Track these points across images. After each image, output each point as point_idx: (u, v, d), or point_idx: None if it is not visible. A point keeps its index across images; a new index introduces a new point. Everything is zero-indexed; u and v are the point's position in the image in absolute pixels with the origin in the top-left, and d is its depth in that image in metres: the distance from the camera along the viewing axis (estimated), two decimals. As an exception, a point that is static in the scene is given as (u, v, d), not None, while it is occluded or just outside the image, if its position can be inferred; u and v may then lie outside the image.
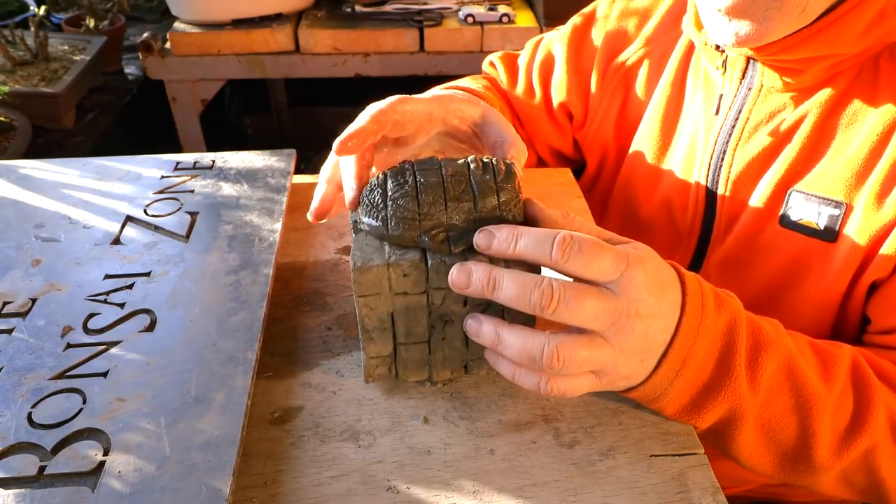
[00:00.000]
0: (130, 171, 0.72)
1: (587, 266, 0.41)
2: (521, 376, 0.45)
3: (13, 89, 1.36)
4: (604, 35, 0.78)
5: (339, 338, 0.56)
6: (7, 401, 0.46)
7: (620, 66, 0.76)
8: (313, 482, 0.45)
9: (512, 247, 0.43)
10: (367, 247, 0.47)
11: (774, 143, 0.61)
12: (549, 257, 0.41)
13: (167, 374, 0.49)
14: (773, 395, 0.48)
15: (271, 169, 0.73)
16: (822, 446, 0.49)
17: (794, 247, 0.60)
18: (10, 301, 0.55)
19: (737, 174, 0.64)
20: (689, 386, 0.46)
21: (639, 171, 0.74)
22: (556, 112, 0.82)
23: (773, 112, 0.61)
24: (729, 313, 0.47)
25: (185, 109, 1.67)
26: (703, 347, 0.45)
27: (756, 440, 0.49)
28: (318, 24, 1.63)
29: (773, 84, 0.60)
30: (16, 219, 0.65)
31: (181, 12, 1.61)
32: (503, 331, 0.44)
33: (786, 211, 0.60)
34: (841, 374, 0.50)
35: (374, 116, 0.50)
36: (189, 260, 0.60)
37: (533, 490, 0.45)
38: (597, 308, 0.42)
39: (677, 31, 0.72)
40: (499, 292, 0.42)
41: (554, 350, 0.42)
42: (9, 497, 0.41)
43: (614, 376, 0.45)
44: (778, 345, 0.48)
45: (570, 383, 0.44)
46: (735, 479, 0.71)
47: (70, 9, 1.85)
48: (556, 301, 0.41)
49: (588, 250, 0.41)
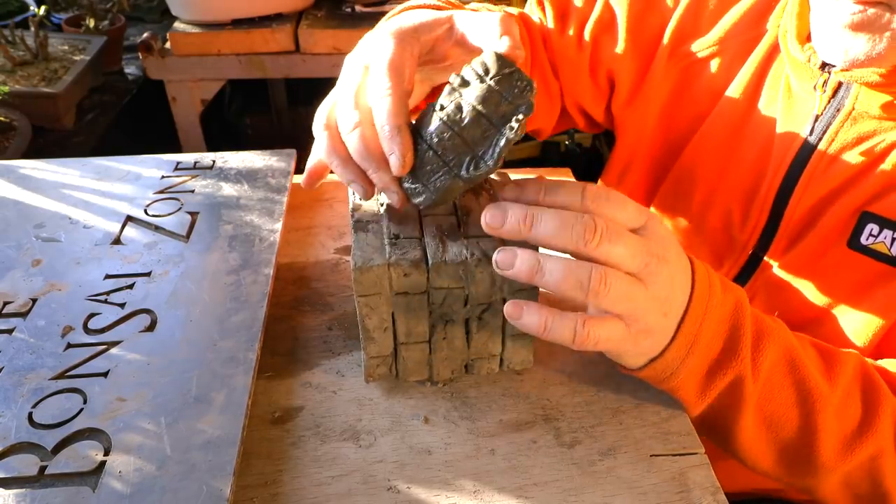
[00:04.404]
0: (130, 171, 0.72)
1: (616, 212, 0.42)
2: (555, 323, 0.43)
3: (13, 89, 1.36)
4: (680, 10, 0.72)
5: (340, 337, 0.56)
6: (7, 401, 0.46)
7: (688, 55, 0.71)
8: (314, 482, 0.45)
9: (541, 194, 0.43)
10: (367, 247, 0.47)
11: (861, 166, 0.59)
12: (579, 202, 0.42)
13: (168, 374, 0.49)
14: (774, 387, 0.48)
15: (271, 169, 0.73)
16: (825, 445, 0.48)
17: (859, 271, 0.58)
18: (10, 301, 0.55)
19: (812, 193, 0.61)
20: (699, 365, 0.47)
21: (697, 173, 0.71)
22: (600, 75, 0.77)
23: (862, 136, 0.59)
24: (734, 297, 0.47)
25: (185, 109, 1.67)
26: (711, 325, 0.46)
27: (757, 432, 0.49)
28: (318, 24, 1.63)
29: (868, 110, 0.58)
30: (16, 219, 0.65)
31: (181, 12, 1.61)
32: (543, 258, 0.42)
33: (856, 234, 0.58)
34: (845, 374, 0.50)
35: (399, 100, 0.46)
36: (189, 260, 0.60)
37: (533, 490, 0.45)
38: (635, 245, 0.42)
39: (757, 32, 0.68)
40: (538, 227, 0.41)
41: (602, 273, 0.41)
42: (9, 497, 0.41)
43: (640, 327, 0.44)
44: (779, 336, 0.48)
45: (604, 329, 0.43)
46: (735, 479, 0.71)
47: (70, 9, 1.85)
48: (600, 234, 0.41)
49: (615, 198, 0.43)
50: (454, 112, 0.44)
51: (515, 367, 0.53)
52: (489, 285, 0.47)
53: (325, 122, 0.50)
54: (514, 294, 0.47)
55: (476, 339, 0.50)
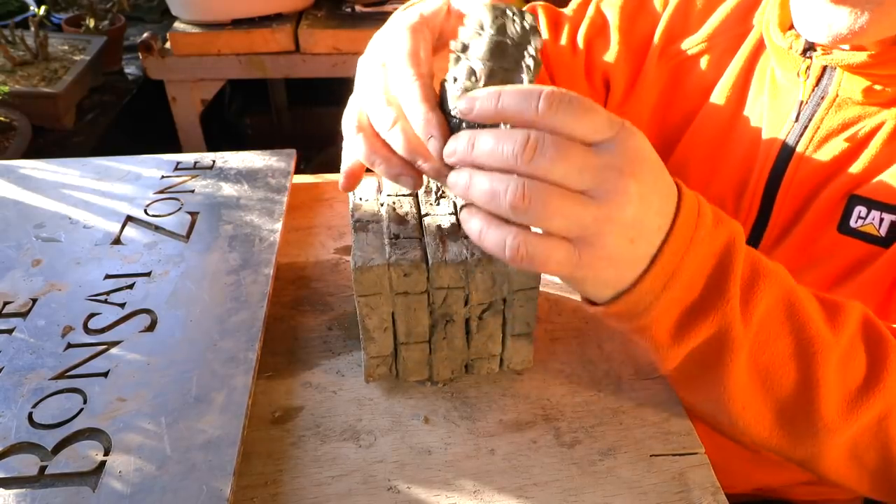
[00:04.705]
0: (130, 171, 0.72)
1: (578, 119, 0.37)
2: (490, 232, 0.39)
3: (13, 89, 1.36)
4: (669, 10, 0.74)
5: (340, 337, 0.56)
6: (8, 401, 0.46)
7: (679, 53, 0.73)
8: (314, 482, 0.45)
9: (494, 103, 0.38)
10: (367, 246, 0.47)
11: (846, 152, 0.60)
12: (534, 111, 0.37)
13: (168, 374, 0.49)
14: (770, 334, 0.44)
15: (271, 169, 0.73)
16: (827, 400, 0.44)
17: (850, 254, 0.59)
18: (10, 301, 0.55)
19: (801, 182, 0.62)
20: (677, 301, 0.42)
21: (689, 168, 0.72)
22: (596, 78, 0.78)
23: (847, 122, 0.60)
24: (728, 233, 0.43)
25: (185, 109, 1.67)
26: (694, 261, 0.41)
27: (751, 388, 0.45)
28: (318, 24, 1.63)
29: (851, 95, 0.59)
30: (16, 219, 0.65)
31: (181, 12, 1.61)
32: (474, 173, 0.39)
33: (845, 217, 0.59)
34: (850, 324, 0.46)
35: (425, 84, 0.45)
36: (189, 260, 0.60)
37: (533, 490, 0.45)
38: (582, 160, 0.37)
39: (744, 28, 0.70)
40: (476, 148, 0.39)
41: (522, 186, 0.37)
42: (9, 497, 0.41)
43: (598, 253, 0.39)
44: (778, 278, 0.44)
45: (542, 248, 0.38)
46: (736, 479, 0.71)
47: (70, 9, 1.85)
48: (532, 149, 0.37)
49: (579, 104, 0.37)
50: (468, 77, 0.43)
51: (515, 367, 0.53)
52: (489, 285, 0.47)
53: (357, 124, 0.49)
54: (514, 293, 0.48)
55: (476, 339, 0.50)
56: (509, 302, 0.48)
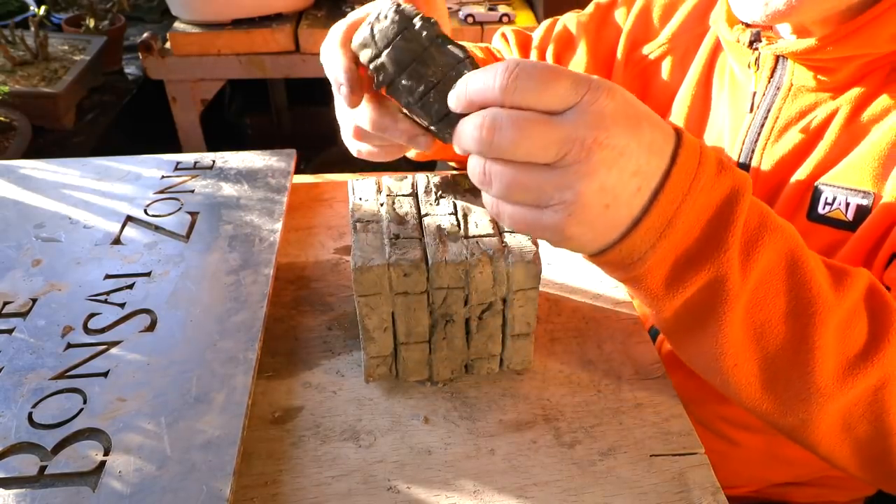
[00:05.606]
0: (130, 171, 0.72)
1: (540, 92, 0.36)
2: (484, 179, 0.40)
3: (13, 89, 1.37)
4: (629, 21, 0.76)
5: (340, 338, 0.56)
6: (7, 401, 0.46)
7: (643, 59, 0.75)
8: (314, 482, 0.45)
9: (464, 91, 0.39)
10: (367, 247, 0.47)
11: (805, 140, 0.61)
12: (494, 88, 0.37)
13: (168, 374, 0.49)
14: (769, 291, 0.42)
15: (271, 169, 0.73)
16: (823, 364, 0.43)
17: (821, 240, 0.59)
18: (10, 301, 0.55)
19: (765, 173, 0.63)
20: (671, 250, 0.41)
21: None
22: None
23: (804, 110, 0.61)
24: (731, 182, 0.41)
25: (185, 109, 1.67)
26: (693, 210, 0.40)
27: (744, 343, 0.43)
28: (318, 24, 1.63)
29: (804, 83, 0.60)
30: (16, 219, 0.65)
31: (181, 12, 1.62)
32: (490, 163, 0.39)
33: (813, 205, 0.60)
34: (855, 289, 0.44)
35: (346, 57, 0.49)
36: (189, 260, 0.60)
37: (533, 490, 0.45)
38: (544, 135, 0.36)
39: (703, 28, 0.71)
40: (455, 137, 0.39)
41: (482, 165, 0.38)
42: (9, 497, 0.41)
43: (572, 220, 0.38)
44: (785, 234, 0.43)
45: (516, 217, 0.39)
46: (736, 479, 0.71)
47: (70, 9, 1.85)
48: (491, 130, 0.36)
49: (541, 74, 0.36)
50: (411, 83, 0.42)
51: (515, 367, 0.53)
52: (489, 285, 0.47)
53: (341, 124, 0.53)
54: (514, 293, 0.48)
55: (476, 339, 0.50)
56: (509, 302, 0.48)
